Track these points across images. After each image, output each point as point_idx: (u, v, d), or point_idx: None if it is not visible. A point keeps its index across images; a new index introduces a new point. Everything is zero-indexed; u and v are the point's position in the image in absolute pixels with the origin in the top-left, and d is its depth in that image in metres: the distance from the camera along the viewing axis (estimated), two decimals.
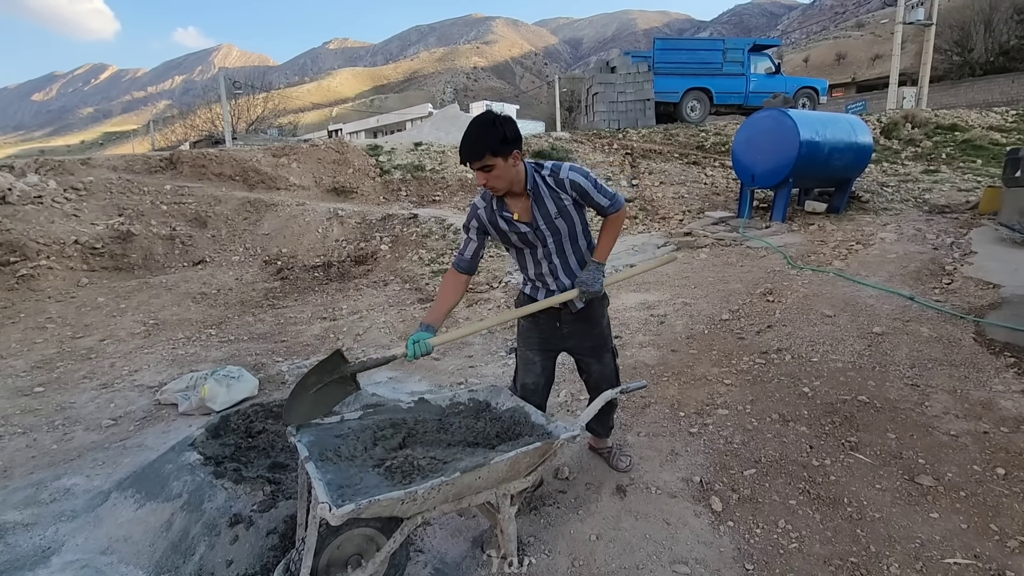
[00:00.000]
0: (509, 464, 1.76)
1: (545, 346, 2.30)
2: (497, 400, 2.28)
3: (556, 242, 2.13)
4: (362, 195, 9.83)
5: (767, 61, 14.95)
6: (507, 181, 1.96)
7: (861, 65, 47.76)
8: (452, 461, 1.77)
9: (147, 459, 2.72)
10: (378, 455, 1.80)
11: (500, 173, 1.92)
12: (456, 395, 2.28)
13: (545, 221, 2.07)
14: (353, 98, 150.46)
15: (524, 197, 2.06)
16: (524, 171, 2.02)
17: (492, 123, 1.88)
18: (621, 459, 2.56)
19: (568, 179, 2.04)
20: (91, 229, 6.87)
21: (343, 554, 1.72)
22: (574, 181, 2.05)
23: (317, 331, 4.86)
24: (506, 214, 2.07)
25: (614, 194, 2.14)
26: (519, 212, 2.06)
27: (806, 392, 3.09)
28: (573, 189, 2.06)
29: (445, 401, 2.24)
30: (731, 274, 5.43)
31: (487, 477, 1.74)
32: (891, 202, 7.82)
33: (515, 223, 2.07)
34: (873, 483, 2.33)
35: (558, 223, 2.09)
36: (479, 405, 2.27)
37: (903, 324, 3.83)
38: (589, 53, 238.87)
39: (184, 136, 31.77)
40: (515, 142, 1.92)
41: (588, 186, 2.06)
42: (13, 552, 2.13)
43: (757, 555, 2.00)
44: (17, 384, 3.91)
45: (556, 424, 2.04)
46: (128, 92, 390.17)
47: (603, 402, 2.12)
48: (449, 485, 1.63)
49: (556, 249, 2.14)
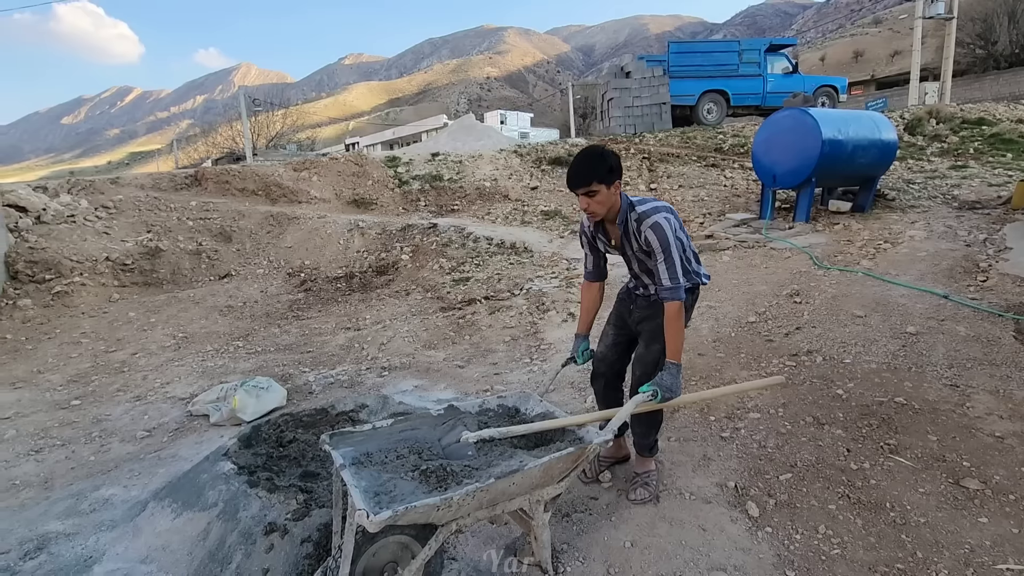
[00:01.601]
0: (543, 470, 1.76)
1: (618, 322, 2.48)
2: (526, 406, 2.28)
3: (641, 267, 2.29)
4: (381, 206, 9.94)
5: (784, 61, 14.79)
6: (606, 207, 2.12)
7: (880, 62, 46.96)
8: (486, 468, 1.76)
9: (182, 469, 2.76)
10: (412, 462, 1.80)
11: (601, 199, 2.09)
12: (485, 402, 2.29)
13: (630, 250, 2.24)
14: (369, 112, 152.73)
15: (616, 226, 2.21)
16: (620, 203, 2.16)
17: (600, 155, 2.07)
18: (638, 490, 2.35)
19: (644, 233, 2.12)
20: (121, 246, 7.05)
21: (379, 562, 1.72)
22: (647, 239, 2.11)
23: (342, 341, 4.91)
24: (602, 238, 2.32)
25: (678, 285, 2.10)
26: (613, 239, 2.28)
27: (840, 394, 3.02)
28: (645, 243, 2.13)
29: (474, 408, 2.24)
30: (755, 276, 5.35)
31: (521, 483, 1.74)
32: (918, 199, 7.64)
33: (609, 246, 2.32)
34: (916, 487, 2.26)
35: (640, 256, 2.23)
36: (508, 411, 2.28)
37: (938, 323, 3.73)
38: (601, 59, 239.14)
39: (206, 154, 32.59)
40: (617, 172, 2.09)
41: (656, 252, 2.11)
42: (56, 561, 2.18)
43: (798, 562, 1.95)
44: (55, 398, 4.01)
45: (587, 430, 2.04)
46: (152, 113, 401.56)
47: (633, 407, 2.07)
48: (484, 491, 1.62)
49: (641, 271, 2.30)
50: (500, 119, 42.93)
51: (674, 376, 2.08)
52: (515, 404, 2.29)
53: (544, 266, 6.52)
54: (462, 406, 2.21)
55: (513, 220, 8.94)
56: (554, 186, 10.57)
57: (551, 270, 6.32)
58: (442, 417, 2.13)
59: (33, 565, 2.16)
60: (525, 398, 2.31)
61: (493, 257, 7.04)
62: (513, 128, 39.23)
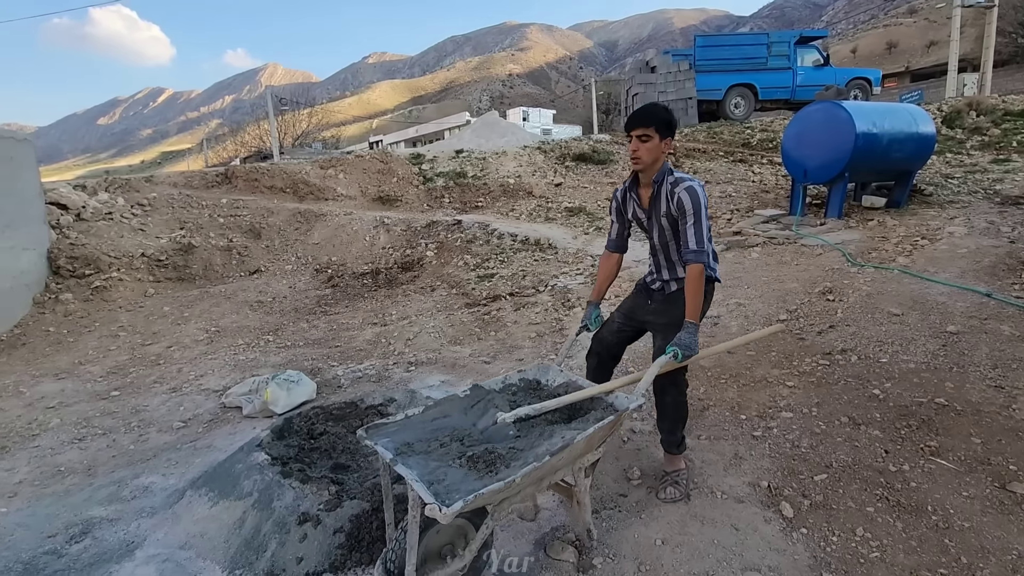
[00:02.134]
0: (587, 441, 1.83)
1: (630, 313, 2.50)
2: (547, 377, 2.37)
3: (661, 238, 2.33)
4: (406, 203, 10.02)
5: (815, 53, 14.42)
6: (652, 157, 2.19)
7: (915, 53, 45.48)
8: (530, 448, 1.80)
9: (217, 459, 2.83)
10: (456, 449, 1.83)
11: (651, 147, 2.17)
12: (507, 377, 2.34)
13: (656, 215, 2.29)
14: (392, 110, 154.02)
15: (650, 188, 2.29)
16: (662, 163, 2.24)
17: (664, 108, 2.21)
18: (668, 488, 2.32)
19: (678, 194, 2.19)
20: (156, 242, 7.25)
21: (436, 546, 1.78)
22: (680, 199, 2.18)
23: (369, 336, 4.97)
24: (633, 196, 2.37)
25: (703, 249, 2.15)
26: (644, 199, 2.34)
27: (877, 394, 2.93)
28: (677, 205, 2.19)
29: (498, 385, 2.28)
30: (786, 273, 5.23)
31: (568, 456, 1.81)
32: (957, 194, 7.37)
33: (638, 207, 2.37)
34: (959, 490, 2.19)
35: (664, 221, 2.27)
36: (531, 384, 2.36)
37: (980, 322, 3.59)
38: (625, 55, 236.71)
39: (235, 152, 33.28)
40: (672, 131, 2.20)
41: (688, 212, 2.17)
42: (101, 545, 2.26)
43: (835, 564, 1.90)
44: (95, 388, 4.15)
45: (616, 396, 2.12)
46: (183, 113, 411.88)
47: (657, 369, 2.07)
48: (539, 469, 1.67)
49: (661, 245, 2.35)
50: (522, 116, 42.87)
51: (692, 335, 2.11)
52: (535, 376, 2.36)
53: (569, 263, 6.49)
54: (486, 384, 2.24)
55: (537, 217, 8.92)
56: (578, 182, 10.52)
57: (576, 267, 6.29)
58: (470, 398, 2.15)
59: (79, 548, 2.25)
60: (545, 370, 2.38)
61: (518, 254, 7.04)
62: (535, 125, 39.14)
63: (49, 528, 2.40)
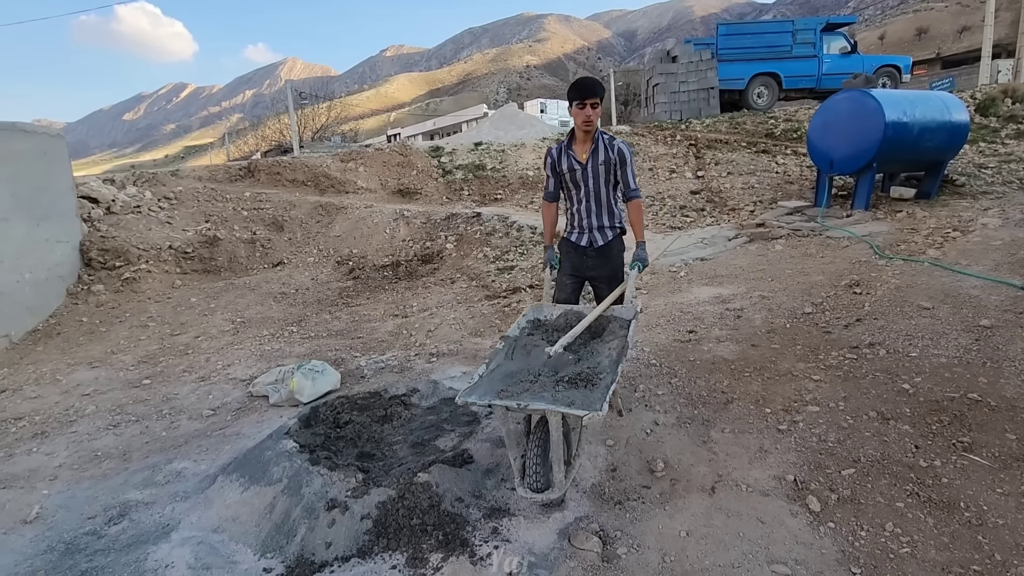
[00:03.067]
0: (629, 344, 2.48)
1: (575, 272, 3.03)
2: (544, 314, 2.88)
3: (595, 185, 2.88)
4: (426, 196, 10.06)
5: (842, 40, 14.03)
6: (595, 122, 2.77)
7: (946, 39, 44.00)
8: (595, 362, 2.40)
9: (246, 446, 2.90)
10: (543, 382, 2.27)
11: (598, 113, 2.77)
12: (519, 323, 2.76)
13: (594, 163, 2.84)
14: (410, 103, 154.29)
15: (588, 143, 2.85)
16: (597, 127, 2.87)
17: (600, 81, 2.79)
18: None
19: (617, 145, 2.86)
20: (182, 235, 7.41)
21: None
22: (620, 149, 2.85)
23: (390, 328, 5.02)
24: (571, 152, 2.89)
25: (638, 187, 2.90)
26: (580, 153, 2.87)
27: (906, 389, 2.88)
28: (618, 153, 2.84)
29: (516, 332, 2.70)
30: (811, 266, 5.15)
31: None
32: (991, 185, 7.15)
33: (575, 160, 2.87)
34: (993, 487, 2.14)
35: (601, 168, 2.85)
36: (535, 323, 2.83)
37: (1015, 316, 3.49)
38: (644, 44, 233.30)
39: (256, 147, 33.65)
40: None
41: (626, 159, 2.85)
42: (138, 527, 2.34)
43: (864, 559, 1.88)
44: (128, 377, 4.28)
45: (614, 310, 2.75)
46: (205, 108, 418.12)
47: (633, 282, 2.81)
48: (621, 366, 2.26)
49: (594, 192, 2.90)
50: (540, 108, 42.55)
51: (645, 251, 2.85)
52: (536, 316, 2.86)
53: None
54: (510, 333, 2.67)
55: None
56: None
57: None
58: (510, 347, 2.58)
59: (117, 530, 2.33)
60: (539, 309, 2.91)
61: (537, 246, 7.03)
62: (553, 117, 38.83)
63: (88, 510, 2.49)
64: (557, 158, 2.91)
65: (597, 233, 2.93)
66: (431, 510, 2.18)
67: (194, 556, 2.11)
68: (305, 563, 2.03)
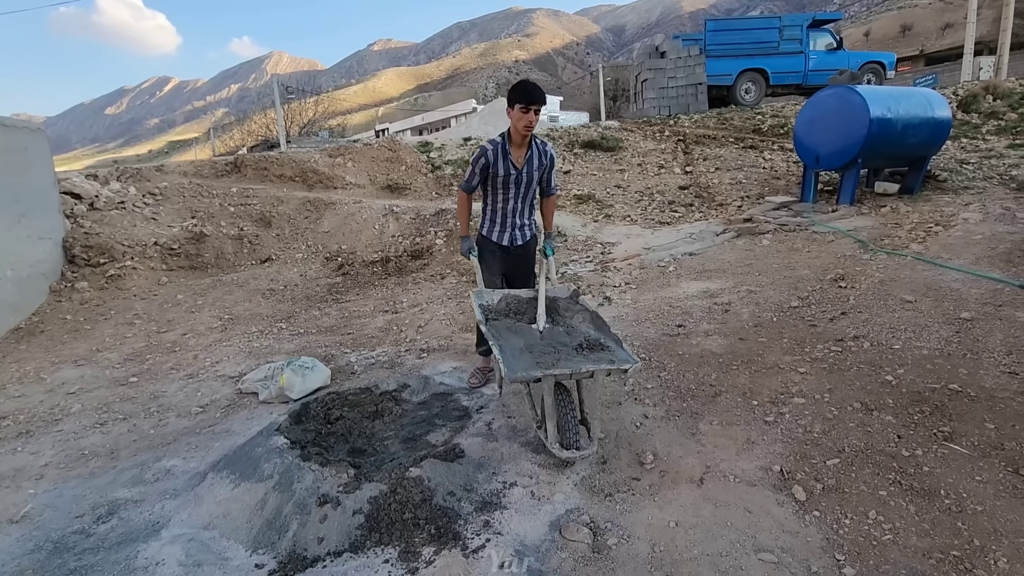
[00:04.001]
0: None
1: (500, 270, 3.29)
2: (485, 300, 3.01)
3: (526, 189, 3.11)
4: (415, 191, 10.02)
5: (828, 37, 14.17)
6: (534, 127, 2.91)
7: (929, 36, 44.47)
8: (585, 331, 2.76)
9: (236, 443, 2.89)
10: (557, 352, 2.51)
11: (538, 119, 2.89)
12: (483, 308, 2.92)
13: (528, 169, 3.05)
14: (398, 97, 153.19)
15: (524, 148, 3.01)
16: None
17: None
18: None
19: (548, 151, 3.11)
20: (168, 231, 7.32)
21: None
22: (552, 156, 3.12)
23: (380, 324, 5.01)
24: (510, 157, 3.00)
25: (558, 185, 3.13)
26: (518, 159, 3.01)
27: (889, 380, 2.94)
28: (549, 159, 3.11)
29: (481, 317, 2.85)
30: (797, 260, 5.21)
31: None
32: (972, 180, 7.27)
33: (512, 165, 3.01)
34: (972, 475, 2.20)
35: (535, 174, 3.08)
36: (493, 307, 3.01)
37: (995, 309, 3.57)
38: (632, 40, 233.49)
39: (241, 142, 33.28)
40: None
41: (555, 163, 3.15)
42: (127, 526, 2.32)
43: (848, 546, 1.93)
44: (114, 375, 4.23)
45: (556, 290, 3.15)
46: (189, 102, 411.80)
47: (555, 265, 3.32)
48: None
49: (524, 195, 3.13)
50: None
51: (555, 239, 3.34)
52: (486, 301, 3.00)
53: (579, 250, 6.50)
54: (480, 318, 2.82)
55: None
56: (587, 170, 10.46)
57: (585, 254, 6.30)
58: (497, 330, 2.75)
59: (106, 528, 2.31)
60: (489, 294, 3.06)
61: None
62: (542, 112, 38.78)
63: (76, 509, 2.47)
64: (493, 161, 3.00)
65: (519, 232, 3.20)
66: (423, 504, 2.19)
67: (185, 553, 2.10)
68: (297, 558, 2.03)
